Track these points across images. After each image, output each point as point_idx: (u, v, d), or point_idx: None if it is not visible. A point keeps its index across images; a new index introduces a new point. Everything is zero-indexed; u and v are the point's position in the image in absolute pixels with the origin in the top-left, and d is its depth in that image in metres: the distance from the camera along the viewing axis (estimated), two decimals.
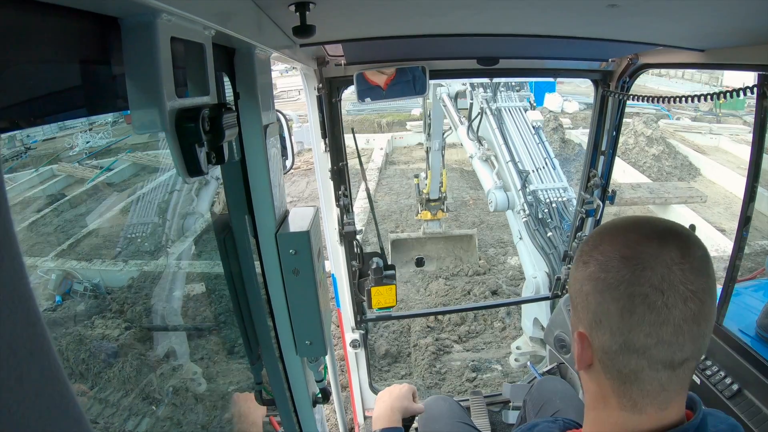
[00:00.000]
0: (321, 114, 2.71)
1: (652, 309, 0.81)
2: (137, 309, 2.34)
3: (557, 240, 4.18)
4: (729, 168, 16.13)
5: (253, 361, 1.82)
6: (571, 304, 0.98)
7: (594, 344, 0.90)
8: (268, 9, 1.15)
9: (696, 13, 1.38)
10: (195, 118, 0.84)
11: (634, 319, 0.83)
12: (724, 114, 21.56)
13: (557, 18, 1.57)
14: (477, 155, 5.39)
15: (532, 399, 2.51)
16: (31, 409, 0.28)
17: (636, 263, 0.83)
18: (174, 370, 2.10)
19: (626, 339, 0.84)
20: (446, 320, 7.23)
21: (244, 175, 1.54)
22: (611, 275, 0.85)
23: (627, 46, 2.34)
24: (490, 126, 5.16)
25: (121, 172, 3.10)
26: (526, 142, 5.00)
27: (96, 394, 1.85)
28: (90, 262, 2.37)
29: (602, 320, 0.87)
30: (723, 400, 2.24)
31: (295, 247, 1.61)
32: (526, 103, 5.39)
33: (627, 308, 0.83)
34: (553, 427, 1.17)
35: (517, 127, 5.14)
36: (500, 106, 5.25)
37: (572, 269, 0.96)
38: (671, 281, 0.81)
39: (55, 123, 2.02)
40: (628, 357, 0.85)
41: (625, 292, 0.83)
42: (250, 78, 1.40)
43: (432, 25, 1.69)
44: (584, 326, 0.91)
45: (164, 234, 2.73)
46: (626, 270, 0.83)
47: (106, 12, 0.69)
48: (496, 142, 5.04)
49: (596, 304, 0.87)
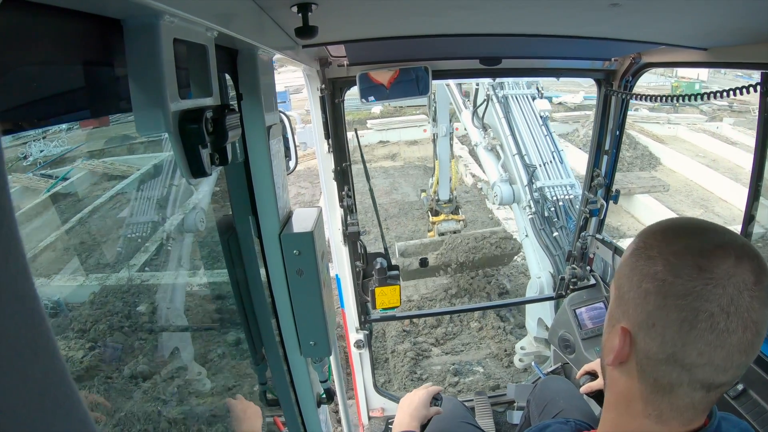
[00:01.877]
0: (324, 115, 2.71)
1: (713, 330, 0.77)
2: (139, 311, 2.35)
3: (563, 240, 4.16)
4: (688, 156, 16.75)
5: (258, 362, 1.82)
6: (616, 294, 0.92)
7: (638, 345, 0.86)
8: (271, 10, 1.15)
9: (698, 12, 1.37)
10: (198, 119, 0.84)
11: (692, 334, 0.79)
12: (680, 104, 21.92)
13: (560, 17, 1.56)
14: (482, 144, 5.27)
15: (535, 399, 2.50)
16: (35, 409, 0.28)
17: (710, 277, 0.78)
18: (178, 370, 2.10)
19: (676, 351, 0.81)
20: (422, 323, 7.11)
21: (247, 176, 1.55)
22: (680, 282, 0.80)
23: (630, 45, 2.34)
24: (496, 114, 4.97)
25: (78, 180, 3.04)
26: (533, 133, 4.85)
27: (100, 394, 1.85)
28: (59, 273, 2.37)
29: (656, 324, 0.82)
30: (728, 400, 2.23)
31: (299, 248, 1.62)
32: (533, 91, 5.16)
33: (688, 321, 0.79)
34: (565, 428, 1.14)
35: (524, 116, 4.95)
36: (507, 94, 5.01)
37: (629, 259, 0.89)
38: (738, 306, 0.77)
39: (58, 125, 2.03)
40: (671, 369, 0.82)
41: (691, 304, 0.78)
42: (252, 79, 1.41)
43: (434, 25, 1.69)
44: (630, 323, 0.86)
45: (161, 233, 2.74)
46: (699, 281, 0.78)
47: (109, 14, 0.69)
48: (503, 132, 4.88)
49: (655, 307, 0.82)
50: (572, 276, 3.49)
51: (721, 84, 26.17)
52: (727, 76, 24.64)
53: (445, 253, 8.18)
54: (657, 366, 0.84)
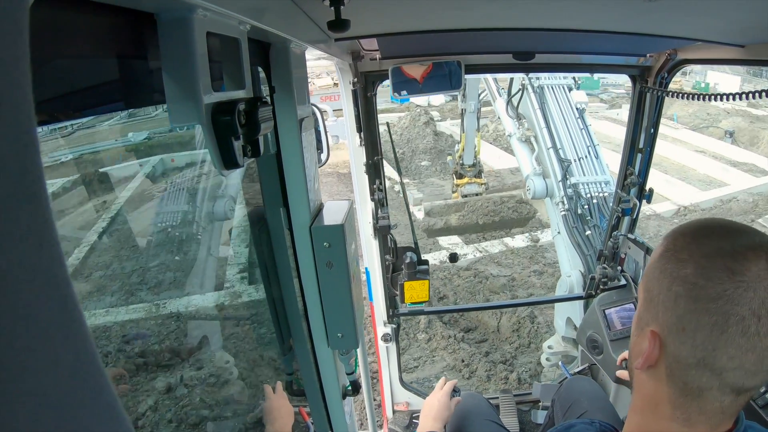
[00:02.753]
0: (356, 108, 2.72)
1: (745, 333, 0.77)
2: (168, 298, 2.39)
3: (595, 239, 4.09)
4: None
5: (285, 352, 1.85)
6: (645, 297, 0.91)
7: (668, 348, 0.85)
8: (303, 4, 1.15)
9: (736, 7, 1.33)
10: (231, 111, 0.86)
11: (723, 338, 0.78)
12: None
13: (594, 12, 1.54)
14: (516, 135, 5.12)
15: (560, 399, 2.49)
16: (65, 392, 0.29)
17: (741, 280, 0.77)
18: (207, 358, 2.14)
19: (707, 356, 0.80)
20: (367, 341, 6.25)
21: (279, 168, 1.56)
22: (712, 285, 0.79)
23: (665, 41, 2.28)
24: (531, 104, 4.79)
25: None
26: (569, 126, 4.69)
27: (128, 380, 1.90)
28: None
29: (687, 329, 0.81)
30: (756, 409, 2.18)
31: (329, 240, 1.63)
32: (570, 82, 4.96)
33: (719, 325, 0.78)
34: (590, 429, 1.14)
35: (560, 107, 4.77)
36: (543, 84, 4.82)
37: (658, 261, 0.88)
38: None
39: (93, 116, 2.07)
40: (701, 373, 0.82)
41: (722, 308, 0.78)
42: (285, 72, 1.42)
43: (467, 18, 1.67)
44: (660, 326, 0.86)
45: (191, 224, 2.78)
46: (729, 284, 0.77)
47: (143, 8, 0.71)
48: (537, 125, 4.73)
49: (685, 311, 0.81)
50: (603, 276, 3.43)
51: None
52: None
53: (467, 214, 8.25)
54: (687, 370, 0.83)
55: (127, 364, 1.89)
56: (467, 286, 8.27)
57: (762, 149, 17.92)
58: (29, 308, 0.27)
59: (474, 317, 7.26)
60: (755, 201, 13.34)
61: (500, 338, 6.98)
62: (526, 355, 6.56)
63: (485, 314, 7.15)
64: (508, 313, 7.08)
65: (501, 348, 6.80)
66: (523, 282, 8.68)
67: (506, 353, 6.61)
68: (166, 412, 1.87)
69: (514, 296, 8.17)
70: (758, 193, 13.75)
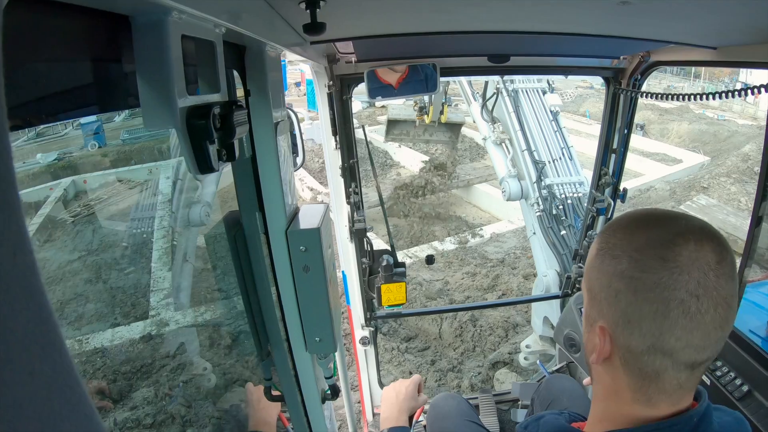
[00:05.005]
0: (332, 111, 2.71)
1: (686, 314, 0.81)
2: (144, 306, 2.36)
3: (570, 239, 4.15)
4: None
5: (263, 357, 1.83)
6: (588, 296, 0.95)
7: (618, 341, 0.89)
8: (279, 6, 1.15)
9: (709, 11, 1.36)
10: (206, 115, 0.84)
11: (667, 323, 0.82)
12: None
13: (568, 15, 1.56)
14: (491, 138, 5.15)
15: (540, 397, 2.50)
16: (43, 404, 0.28)
17: (674, 266, 0.81)
18: (184, 365, 2.11)
19: (656, 341, 0.84)
20: None
21: (254, 172, 1.55)
22: (647, 276, 0.83)
23: (639, 43, 2.32)
24: (506, 108, 4.90)
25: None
26: (543, 129, 4.80)
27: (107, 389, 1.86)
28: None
29: (632, 320, 0.85)
30: (733, 401, 2.22)
31: (306, 244, 1.62)
32: (544, 85, 5.09)
33: (661, 312, 0.82)
34: (559, 418, 1.17)
35: (534, 111, 4.89)
36: (517, 88, 4.94)
37: (595, 260, 0.93)
38: (706, 287, 0.81)
39: (66, 120, 2.04)
40: (654, 357, 0.85)
41: (660, 295, 0.82)
42: (260, 75, 1.41)
43: (443, 22, 1.68)
44: (608, 322, 0.89)
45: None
46: (664, 272, 0.82)
47: (117, 10, 0.69)
48: (512, 127, 4.82)
49: (627, 304, 0.85)
50: (578, 275, 3.48)
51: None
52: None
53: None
54: (639, 357, 0.87)
55: (105, 373, 1.86)
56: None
57: (672, 140, 18.98)
58: (4, 319, 0.26)
59: (414, 325, 7.25)
60: (672, 188, 13.94)
61: (443, 344, 6.97)
62: (473, 360, 6.55)
63: (425, 321, 7.16)
64: (449, 318, 7.09)
65: (446, 355, 6.78)
66: (457, 285, 8.75)
67: (452, 360, 6.60)
68: (144, 417, 1.84)
69: (452, 300, 8.18)
70: (674, 181, 14.45)
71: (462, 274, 9.17)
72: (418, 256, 9.95)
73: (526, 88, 4.95)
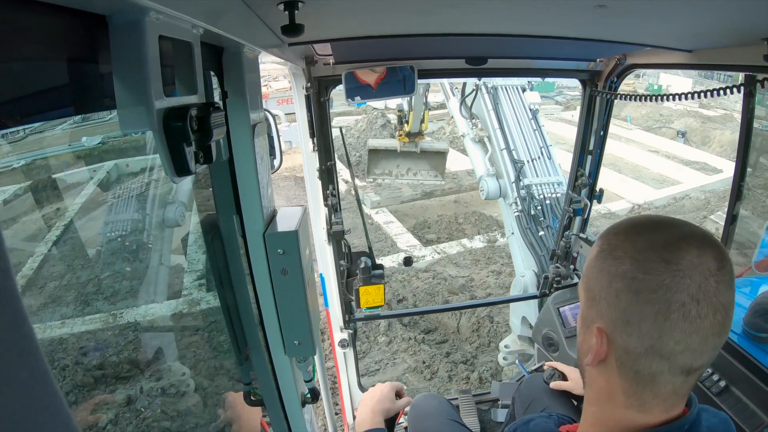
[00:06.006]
0: (309, 113, 2.70)
1: (687, 317, 0.82)
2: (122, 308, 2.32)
3: (548, 239, 4.19)
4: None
5: (242, 362, 1.81)
6: (587, 296, 0.96)
7: (616, 342, 0.89)
8: (257, 8, 1.14)
9: (684, 14, 1.38)
10: (183, 117, 0.83)
11: (668, 325, 0.83)
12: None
13: (546, 18, 1.57)
14: (469, 135, 5.18)
15: (520, 396, 2.52)
16: (20, 411, 0.28)
17: (677, 269, 0.82)
18: (162, 371, 2.08)
19: (655, 343, 0.84)
20: (326, 346, 5.76)
21: (232, 174, 1.53)
22: (650, 278, 0.84)
23: (615, 46, 2.36)
24: (485, 105, 4.85)
25: None
26: (522, 127, 4.76)
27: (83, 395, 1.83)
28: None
29: (632, 321, 0.86)
30: (711, 396, 2.26)
31: (284, 247, 1.61)
32: (524, 82, 5.04)
33: (662, 313, 0.83)
34: (548, 421, 1.17)
35: (513, 108, 4.84)
36: (496, 84, 4.88)
37: (596, 261, 0.94)
38: (707, 292, 0.82)
39: (42, 122, 2.00)
40: (651, 360, 0.86)
41: (662, 297, 0.83)
42: (238, 77, 1.40)
43: (421, 24, 1.69)
44: (606, 323, 0.90)
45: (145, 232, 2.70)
46: (667, 275, 0.83)
47: (94, 10, 0.68)
48: (491, 124, 4.78)
49: (628, 304, 0.86)
50: (556, 275, 3.52)
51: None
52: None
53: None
54: (637, 359, 0.87)
55: (84, 377, 1.83)
56: (426, 287, 8.38)
57: (713, 148, 18.53)
58: None
59: (434, 318, 7.34)
60: (707, 198, 13.84)
61: (460, 339, 7.07)
62: (486, 354, 6.66)
63: (445, 315, 7.24)
64: (468, 313, 7.19)
65: (461, 348, 6.89)
66: (481, 282, 8.82)
67: (467, 353, 6.71)
68: (126, 425, 1.82)
69: (473, 296, 8.31)
70: (710, 191, 14.27)
71: (487, 272, 9.23)
72: (447, 253, 10.15)
73: (505, 85, 4.91)
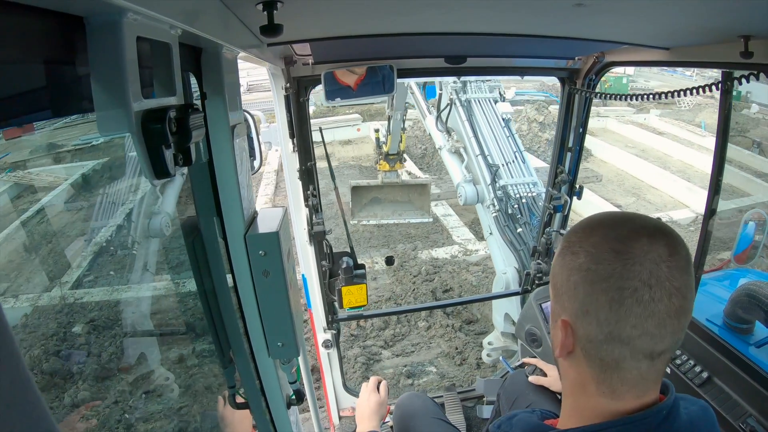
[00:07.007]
0: (289, 114, 2.69)
1: (640, 302, 0.86)
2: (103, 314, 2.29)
3: (527, 236, 4.25)
4: (618, 147, 17.47)
5: (225, 365, 1.80)
6: (553, 293, 1.01)
7: (578, 333, 0.94)
8: (236, 8, 1.13)
9: (661, 13, 1.40)
10: (161, 119, 0.82)
11: (622, 310, 0.87)
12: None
13: (524, 17, 1.58)
14: (446, 147, 5.39)
15: (505, 393, 2.53)
16: (2, 420, 0.27)
17: (627, 257, 0.87)
18: (145, 375, 2.06)
19: (612, 329, 0.88)
20: (369, 325, 7.11)
21: (211, 176, 1.52)
22: (602, 267, 0.89)
23: (593, 44, 2.38)
24: (459, 118, 5.14)
25: None
26: (496, 135, 5.01)
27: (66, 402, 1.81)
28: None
29: (590, 310, 0.90)
30: (693, 387, 2.30)
31: (265, 249, 1.60)
32: (496, 95, 5.37)
33: (616, 300, 0.87)
34: (532, 416, 1.19)
35: (486, 119, 5.13)
36: (470, 98, 5.20)
37: (558, 258, 0.99)
38: (659, 277, 0.86)
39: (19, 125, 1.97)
40: (612, 346, 0.90)
41: (615, 284, 0.87)
42: (217, 78, 1.38)
43: (400, 23, 1.69)
44: (569, 315, 0.94)
45: None
46: (617, 263, 0.87)
47: (71, 11, 0.67)
48: (466, 135, 5.04)
49: (585, 295, 0.91)
50: (537, 271, 3.56)
51: (646, 77, 27.04)
52: (652, 70, 25.96)
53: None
54: (599, 347, 0.91)
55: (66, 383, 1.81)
56: (473, 280, 8.61)
57: None
58: None
59: (478, 310, 7.48)
60: None
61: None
62: None
63: (486, 307, 7.29)
64: None
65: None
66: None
67: None
68: None
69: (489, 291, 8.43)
70: None
71: None
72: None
73: (479, 98, 5.22)
